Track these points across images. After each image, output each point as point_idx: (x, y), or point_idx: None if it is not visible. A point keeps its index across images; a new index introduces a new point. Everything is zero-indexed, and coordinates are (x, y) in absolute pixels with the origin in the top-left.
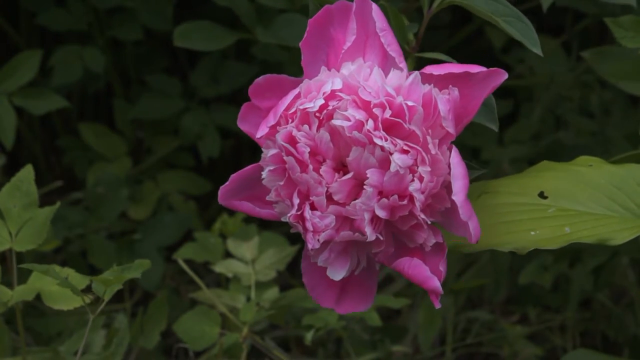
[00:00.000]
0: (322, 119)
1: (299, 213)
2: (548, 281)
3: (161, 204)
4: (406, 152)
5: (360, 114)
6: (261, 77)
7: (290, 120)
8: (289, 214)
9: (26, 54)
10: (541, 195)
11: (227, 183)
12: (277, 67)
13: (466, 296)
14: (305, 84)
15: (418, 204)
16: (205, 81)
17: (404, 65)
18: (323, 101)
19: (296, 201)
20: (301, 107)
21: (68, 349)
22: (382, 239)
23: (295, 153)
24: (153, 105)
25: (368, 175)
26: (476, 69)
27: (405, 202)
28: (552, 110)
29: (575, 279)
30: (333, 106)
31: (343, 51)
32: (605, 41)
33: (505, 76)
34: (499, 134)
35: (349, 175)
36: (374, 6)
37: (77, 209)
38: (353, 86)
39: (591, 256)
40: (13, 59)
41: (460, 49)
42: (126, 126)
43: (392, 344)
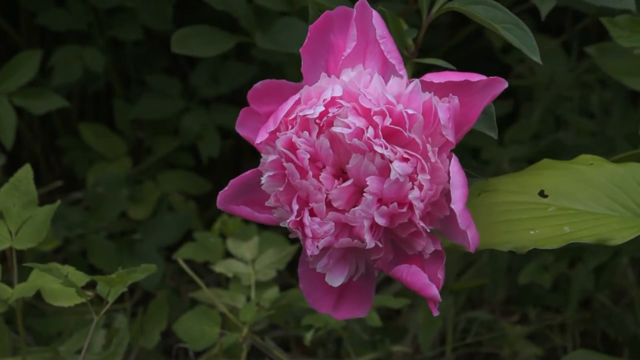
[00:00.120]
0: (322, 125)
1: (298, 219)
2: (548, 281)
3: (161, 204)
4: (406, 160)
5: (360, 121)
6: (260, 82)
7: (290, 127)
8: (288, 220)
9: (26, 54)
10: (541, 194)
11: (226, 188)
12: (277, 67)
13: (466, 296)
14: (306, 90)
15: (417, 211)
16: (205, 81)
17: (404, 72)
18: (323, 108)
19: (295, 207)
20: (301, 113)
21: (68, 348)
22: (381, 246)
23: (295, 159)
24: (153, 105)
25: (368, 183)
26: (476, 78)
27: (404, 209)
28: (552, 110)
29: (576, 278)
30: (333, 113)
31: (343, 57)
32: (605, 41)
33: (505, 85)
34: (499, 134)
35: (349, 182)
36: (374, 13)
37: (77, 209)
38: (353, 93)
39: (592, 256)
40: (13, 59)
41: (460, 49)
42: (126, 126)
43: (392, 344)
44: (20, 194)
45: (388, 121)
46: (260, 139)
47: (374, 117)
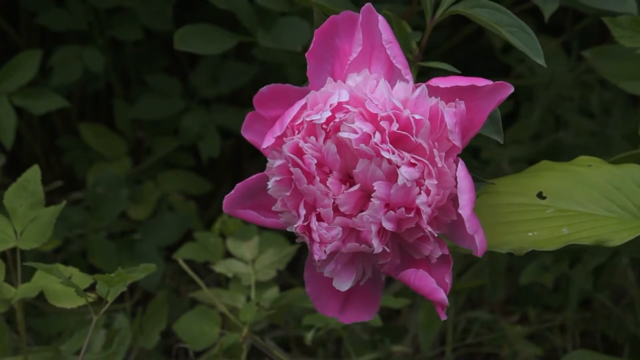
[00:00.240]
0: (329, 130)
1: (305, 224)
2: (550, 281)
3: (161, 204)
4: (413, 165)
5: (367, 126)
6: (265, 87)
7: (296, 132)
8: (295, 225)
9: (26, 54)
10: (540, 196)
11: (232, 192)
12: (278, 67)
13: (466, 296)
14: (312, 95)
15: (425, 216)
16: (205, 81)
17: (410, 77)
18: (330, 113)
19: (302, 212)
20: (308, 118)
21: (69, 348)
22: (388, 250)
23: (302, 164)
24: (153, 105)
25: (375, 188)
26: (482, 82)
27: (412, 214)
28: (552, 110)
29: (575, 279)
30: (340, 118)
31: (349, 62)
32: (606, 41)
33: (511, 90)
34: None
35: (356, 187)
36: (380, 18)
37: (77, 209)
38: (360, 98)
39: (591, 256)
40: (13, 59)
41: (460, 48)
42: (126, 126)
43: (392, 344)
44: (28, 194)
45: (395, 126)
46: (266, 143)
47: (380, 123)
